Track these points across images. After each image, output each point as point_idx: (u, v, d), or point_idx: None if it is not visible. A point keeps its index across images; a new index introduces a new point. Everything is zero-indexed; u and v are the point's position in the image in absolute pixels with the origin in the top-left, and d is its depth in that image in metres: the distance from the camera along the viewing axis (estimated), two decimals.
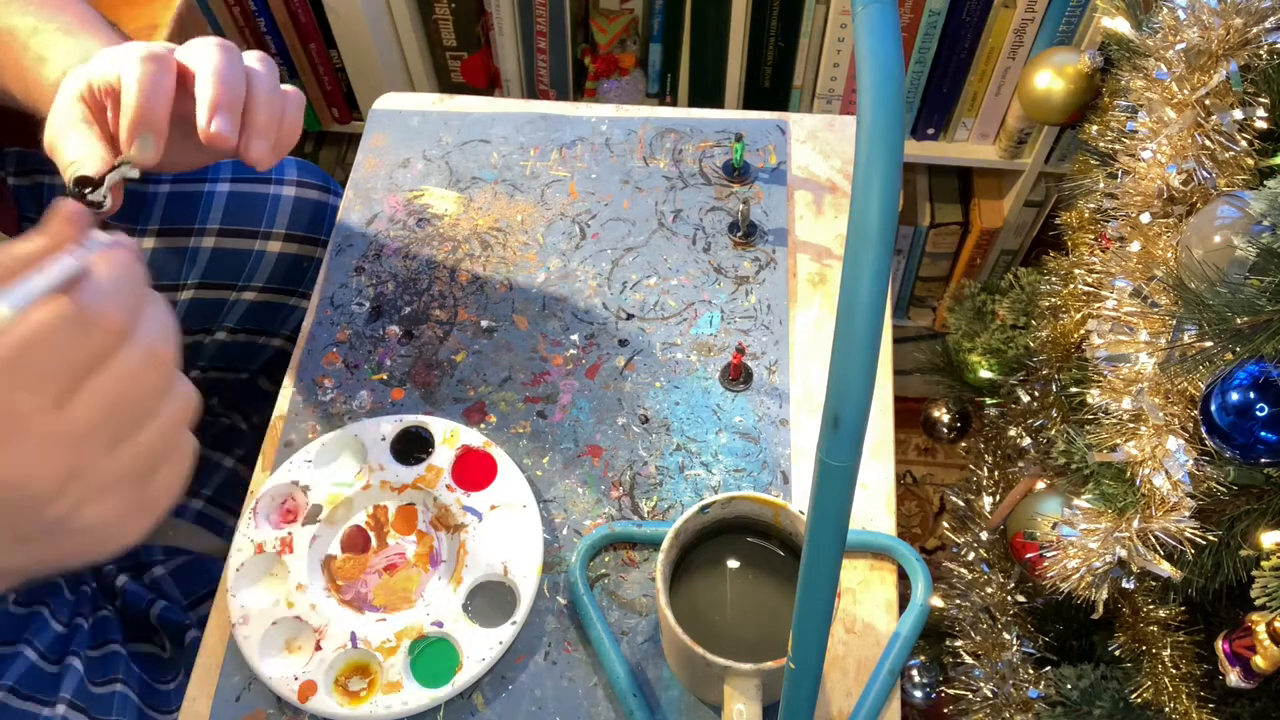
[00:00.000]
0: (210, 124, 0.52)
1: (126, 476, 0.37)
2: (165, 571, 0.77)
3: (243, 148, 0.54)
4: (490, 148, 0.78)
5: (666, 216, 0.74)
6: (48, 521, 0.36)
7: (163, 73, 0.52)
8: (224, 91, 0.52)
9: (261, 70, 0.55)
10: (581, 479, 0.63)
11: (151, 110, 0.51)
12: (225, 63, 0.53)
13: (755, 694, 0.48)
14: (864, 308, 0.26)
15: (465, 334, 0.69)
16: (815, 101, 1.21)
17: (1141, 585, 0.63)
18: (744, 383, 0.66)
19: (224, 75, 0.52)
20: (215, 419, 0.89)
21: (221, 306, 0.79)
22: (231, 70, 0.53)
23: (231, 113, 0.52)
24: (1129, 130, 0.60)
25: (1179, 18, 0.54)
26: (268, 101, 0.55)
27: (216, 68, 0.52)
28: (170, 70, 0.52)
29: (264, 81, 0.55)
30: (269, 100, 0.55)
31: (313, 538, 0.60)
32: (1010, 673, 0.75)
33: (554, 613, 0.59)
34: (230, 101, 0.52)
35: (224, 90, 0.52)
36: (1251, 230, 0.48)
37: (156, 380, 0.36)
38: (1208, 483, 0.53)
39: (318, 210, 0.82)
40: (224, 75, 0.52)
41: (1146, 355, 0.55)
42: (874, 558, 0.60)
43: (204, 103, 0.52)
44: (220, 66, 0.53)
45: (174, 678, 0.70)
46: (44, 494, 0.35)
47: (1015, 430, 0.83)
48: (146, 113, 0.51)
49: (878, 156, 0.26)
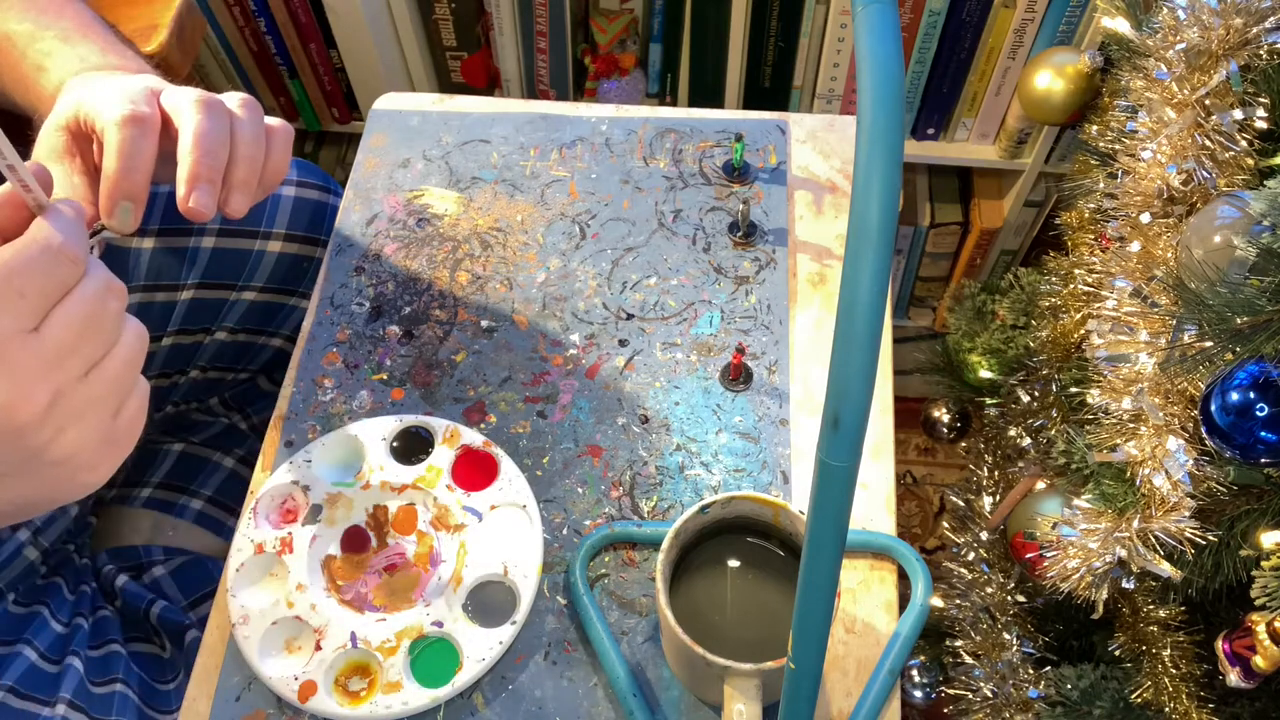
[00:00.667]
0: (189, 199, 0.51)
1: (98, 403, 0.40)
2: (165, 571, 0.77)
3: (221, 202, 0.53)
4: (490, 148, 0.78)
5: (666, 216, 0.74)
6: (28, 450, 0.39)
7: (143, 137, 0.51)
8: (204, 162, 0.51)
9: (244, 118, 0.54)
10: (581, 479, 0.63)
11: (130, 180, 0.51)
12: (207, 126, 0.52)
13: (755, 694, 0.49)
14: (864, 308, 0.26)
15: (465, 334, 0.69)
16: (815, 101, 1.21)
17: (1141, 585, 0.63)
18: (744, 383, 0.66)
19: (205, 142, 0.52)
20: (215, 419, 0.89)
21: (221, 306, 0.79)
22: (213, 135, 0.52)
23: (211, 184, 0.52)
24: (1129, 130, 0.60)
25: (1179, 18, 0.54)
26: (248, 157, 0.54)
27: (198, 132, 0.51)
28: (152, 133, 0.51)
29: (246, 132, 0.54)
30: (250, 156, 0.54)
31: (313, 538, 0.60)
32: (1010, 673, 0.75)
33: (554, 613, 0.59)
34: (210, 173, 0.52)
35: (204, 160, 0.51)
36: (1251, 230, 0.48)
37: (117, 307, 0.41)
38: (1208, 483, 0.53)
39: (318, 210, 0.82)
40: (205, 142, 0.52)
41: (1146, 355, 0.55)
42: (874, 558, 0.60)
43: (183, 176, 0.51)
44: (202, 131, 0.52)
45: (174, 678, 0.70)
46: (29, 420, 0.38)
47: (1015, 430, 0.83)
48: (125, 183, 0.51)
49: (878, 156, 0.26)
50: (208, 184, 0.52)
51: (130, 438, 0.43)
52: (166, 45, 0.82)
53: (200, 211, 0.51)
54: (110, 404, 0.41)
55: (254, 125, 0.55)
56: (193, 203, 0.51)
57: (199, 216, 0.51)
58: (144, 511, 0.81)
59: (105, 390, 0.41)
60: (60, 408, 0.39)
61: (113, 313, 0.41)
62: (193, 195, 0.51)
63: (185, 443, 0.86)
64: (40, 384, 0.38)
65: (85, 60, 0.58)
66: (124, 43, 0.63)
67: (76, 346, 0.39)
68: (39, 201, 0.40)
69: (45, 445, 0.39)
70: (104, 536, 0.80)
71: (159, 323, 0.77)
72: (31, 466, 0.40)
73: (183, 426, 0.87)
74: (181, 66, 0.85)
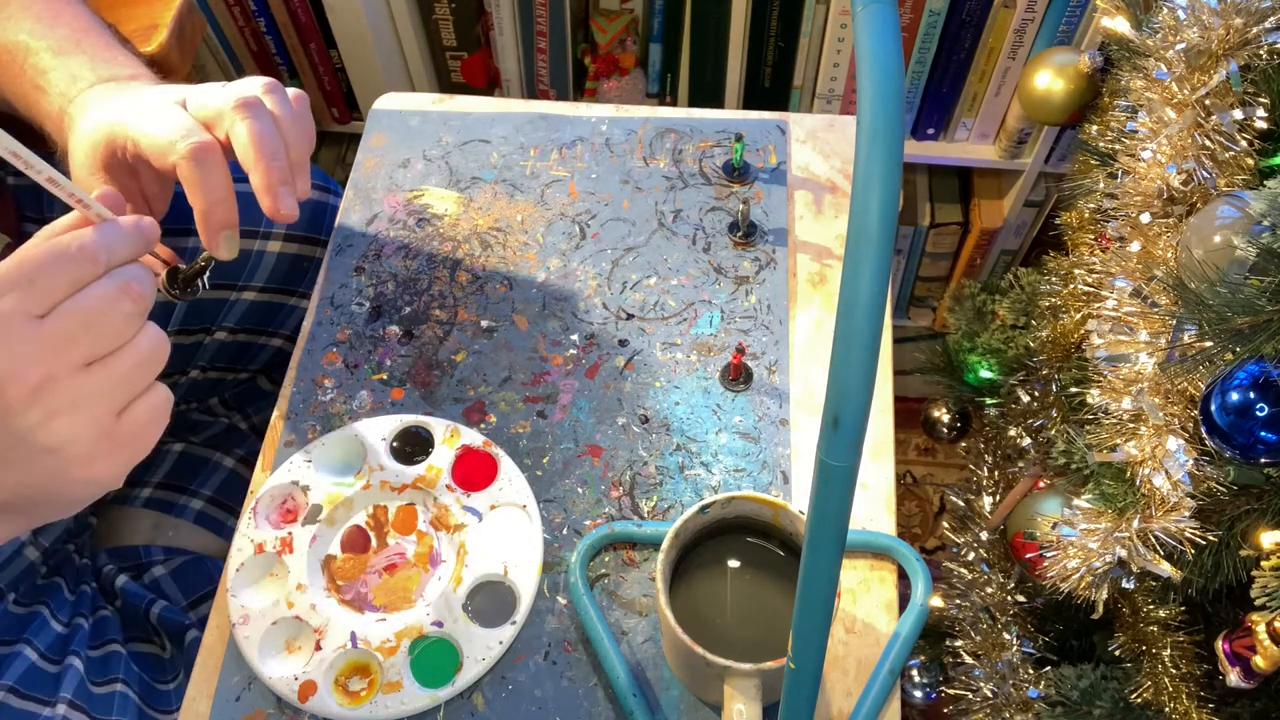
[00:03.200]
0: (278, 207, 0.53)
1: (96, 397, 0.41)
2: (165, 571, 0.77)
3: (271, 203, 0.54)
4: (490, 148, 0.78)
5: (666, 216, 0.74)
6: (16, 432, 0.40)
7: (217, 167, 0.52)
8: (274, 168, 0.53)
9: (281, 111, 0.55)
10: (581, 479, 0.63)
11: (222, 212, 0.53)
12: (259, 130, 0.53)
13: (755, 694, 0.49)
14: (864, 308, 0.26)
15: (465, 334, 0.69)
16: (815, 101, 1.21)
17: (1141, 585, 0.63)
18: (744, 383, 0.66)
19: (265, 149, 0.53)
20: (215, 419, 0.89)
21: (221, 306, 0.79)
22: (268, 138, 0.53)
23: (287, 185, 0.54)
24: (1129, 130, 0.60)
25: (1179, 18, 0.54)
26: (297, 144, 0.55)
27: (256, 141, 0.53)
28: (221, 161, 0.53)
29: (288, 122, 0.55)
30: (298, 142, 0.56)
31: (313, 538, 0.60)
32: (1010, 673, 0.75)
33: (554, 613, 0.59)
34: (282, 175, 0.54)
35: (273, 167, 0.53)
36: (1251, 230, 0.48)
37: (129, 308, 0.42)
38: (1208, 483, 0.53)
39: (318, 210, 0.82)
40: (265, 149, 0.53)
41: (1146, 355, 0.55)
42: (874, 558, 0.60)
43: (261, 187, 0.53)
44: (257, 137, 0.53)
45: (174, 678, 0.70)
46: (16, 397, 0.39)
47: (1015, 430, 0.83)
48: (220, 216, 0.53)
49: (878, 156, 0.26)
50: (284, 186, 0.54)
51: (136, 440, 0.43)
52: (166, 45, 0.82)
53: (291, 215, 0.54)
54: (111, 400, 0.42)
55: (290, 111, 0.56)
56: (284, 210, 0.53)
57: (290, 219, 0.54)
58: (144, 511, 0.81)
59: (106, 386, 0.41)
60: (51, 392, 0.40)
61: (124, 313, 0.42)
62: (280, 203, 0.53)
63: (185, 443, 0.86)
64: (33, 366, 0.39)
65: (78, 79, 0.58)
66: (121, 44, 0.63)
67: (77, 337, 0.40)
68: (98, 214, 0.44)
69: (34, 428, 0.40)
70: (104, 536, 0.80)
71: (159, 323, 0.77)
72: (21, 451, 0.40)
73: (183, 426, 0.87)
74: (181, 66, 0.85)
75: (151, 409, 0.44)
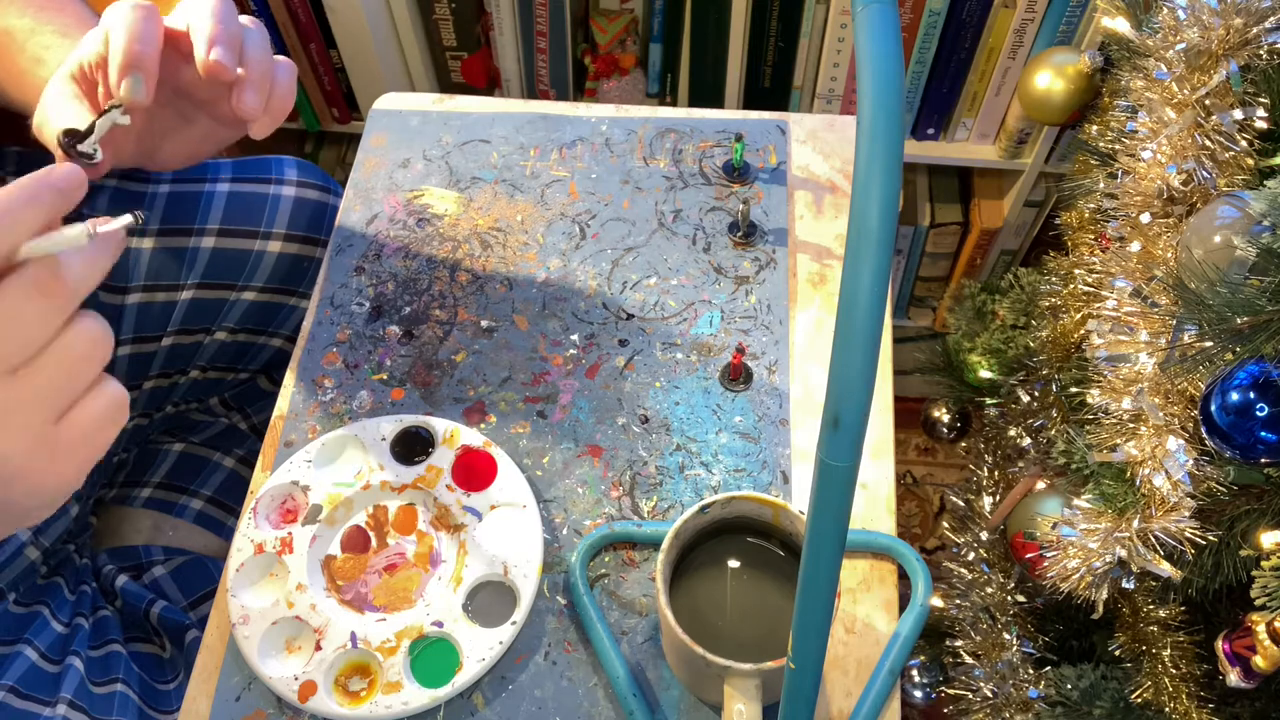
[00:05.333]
0: (209, 54, 0.51)
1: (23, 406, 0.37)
2: (165, 571, 0.77)
3: (235, 98, 0.53)
4: (490, 148, 0.78)
5: (666, 216, 0.74)
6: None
7: (149, 18, 0.51)
8: (221, 30, 0.52)
9: (254, 29, 0.55)
10: (581, 479, 0.63)
11: (139, 50, 0.50)
12: (221, 8, 0.53)
13: (755, 694, 0.49)
14: (864, 308, 0.26)
15: (465, 334, 0.69)
16: (815, 101, 1.21)
17: (1141, 585, 0.63)
18: (744, 383, 0.66)
19: (220, 16, 0.52)
20: (215, 419, 0.89)
21: (221, 306, 0.79)
22: (227, 14, 0.53)
23: (229, 49, 0.52)
24: (1129, 130, 0.60)
25: (1179, 18, 0.54)
26: (260, 58, 0.54)
27: (213, 10, 0.53)
28: (156, 17, 0.52)
29: (256, 38, 0.55)
30: (261, 56, 0.54)
31: (313, 538, 0.60)
32: (1010, 673, 0.75)
33: (554, 613, 0.59)
34: (228, 40, 0.52)
35: (221, 29, 0.52)
36: (1251, 230, 0.48)
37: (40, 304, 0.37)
38: (1208, 483, 0.53)
39: (318, 210, 0.82)
40: (220, 16, 0.52)
41: (1146, 355, 0.55)
42: (874, 558, 0.60)
43: (201, 39, 0.52)
44: (217, 9, 0.53)
45: (174, 678, 0.70)
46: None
47: (1015, 430, 0.83)
48: (134, 53, 0.50)
49: (878, 156, 0.26)
50: (225, 46, 0.52)
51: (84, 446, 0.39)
52: None
53: (222, 65, 0.51)
54: (43, 408, 0.38)
55: (263, 35, 0.55)
56: (213, 56, 0.51)
57: (221, 72, 0.51)
58: (144, 511, 0.81)
59: (31, 394, 0.37)
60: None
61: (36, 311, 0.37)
62: (212, 51, 0.51)
63: (185, 443, 0.86)
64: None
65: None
66: None
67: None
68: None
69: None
70: (104, 536, 0.80)
71: (159, 323, 0.77)
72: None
73: (183, 426, 0.87)
74: None
75: (97, 412, 0.39)
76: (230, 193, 0.78)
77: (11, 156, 0.78)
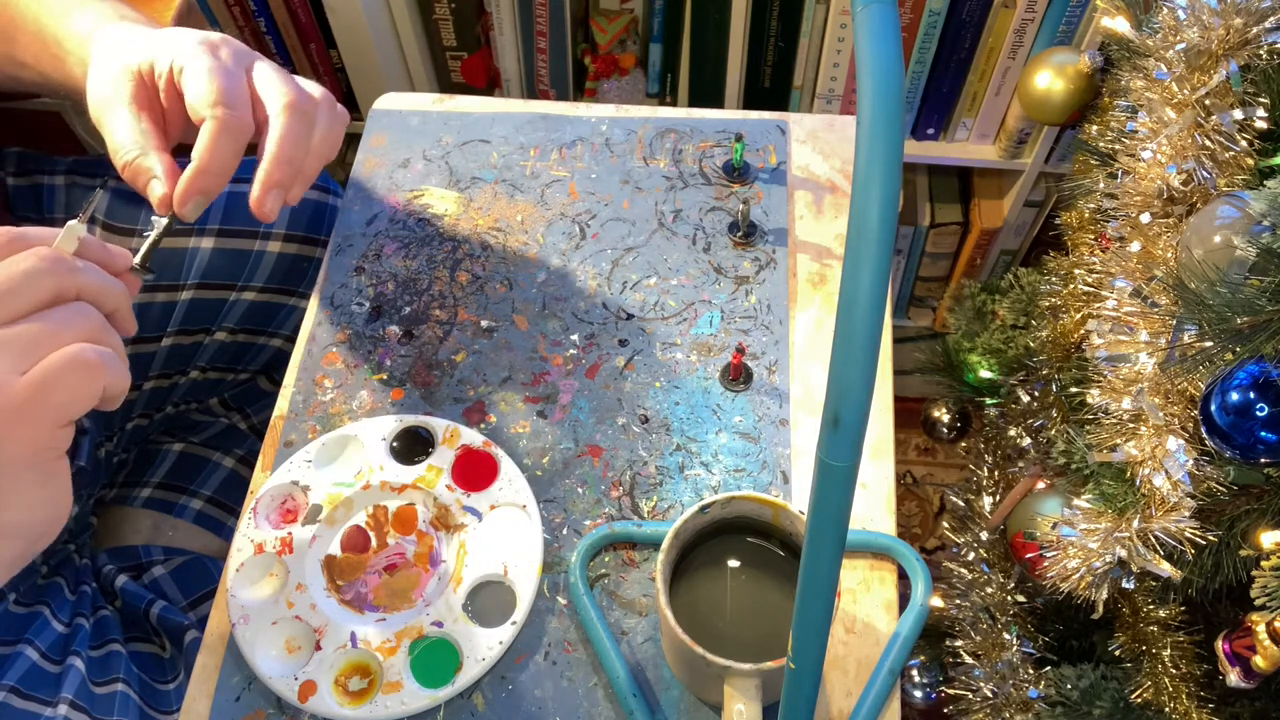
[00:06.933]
0: (264, 203, 0.54)
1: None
2: (165, 571, 0.77)
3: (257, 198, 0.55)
4: (490, 148, 0.78)
5: (666, 216, 0.74)
6: None
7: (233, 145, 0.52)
8: (283, 169, 0.53)
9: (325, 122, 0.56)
10: (581, 479, 0.63)
11: (210, 181, 0.53)
12: (293, 130, 0.54)
13: (755, 694, 0.49)
14: (864, 308, 0.26)
15: (465, 334, 0.69)
16: (815, 101, 1.21)
17: (1141, 585, 0.63)
18: (744, 383, 0.66)
19: (287, 148, 0.53)
20: (215, 419, 0.89)
21: (221, 306, 0.79)
22: (296, 140, 0.54)
23: (283, 189, 0.54)
24: (1129, 130, 0.60)
25: (1179, 18, 0.54)
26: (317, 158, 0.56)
27: (283, 137, 0.53)
28: (241, 143, 0.53)
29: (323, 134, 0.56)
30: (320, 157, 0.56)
31: (313, 538, 0.60)
32: (1010, 673, 0.75)
33: (554, 613, 0.59)
34: (286, 180, 0.54)
35: (283, 167, 0.53)
36: (1251, 230, 0.48)
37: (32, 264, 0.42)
38: (1208, 483, 0.53)
39: (318, 210, 0.82)
40: (287, 148, 0.53)
41: (1146, 355, 0.55)
42: (874, 558, 0.60)
43: (260, 179, 0.53)
44: (287, 136, 0.53)
45: (174, 678, 0.70)
46: None
47: (1015, 430, 0.83)
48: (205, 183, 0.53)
49: (878, 156, 0.26)
50: (279, 190, 0.54)
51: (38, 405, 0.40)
52: None
53: (270, 216, 0.54)
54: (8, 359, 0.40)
55: (331, 131, 0.56)
56: (267, 208, 0.53)
57: (267, 219, 0.54)
58: (144, 511, 0.81)
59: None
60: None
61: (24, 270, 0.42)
62: (266, 201, 0.53)
63: (185, 443, 0.86)
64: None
65: (102, 15, 0.58)
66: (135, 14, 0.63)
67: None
68: None
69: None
70: (104, 536, 0.80)
71: (159, 323, 0.77)
72: None
73: (183, 426, 0.87)
74: None
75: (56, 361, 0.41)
76: (230, 193, 0.78)
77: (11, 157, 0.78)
